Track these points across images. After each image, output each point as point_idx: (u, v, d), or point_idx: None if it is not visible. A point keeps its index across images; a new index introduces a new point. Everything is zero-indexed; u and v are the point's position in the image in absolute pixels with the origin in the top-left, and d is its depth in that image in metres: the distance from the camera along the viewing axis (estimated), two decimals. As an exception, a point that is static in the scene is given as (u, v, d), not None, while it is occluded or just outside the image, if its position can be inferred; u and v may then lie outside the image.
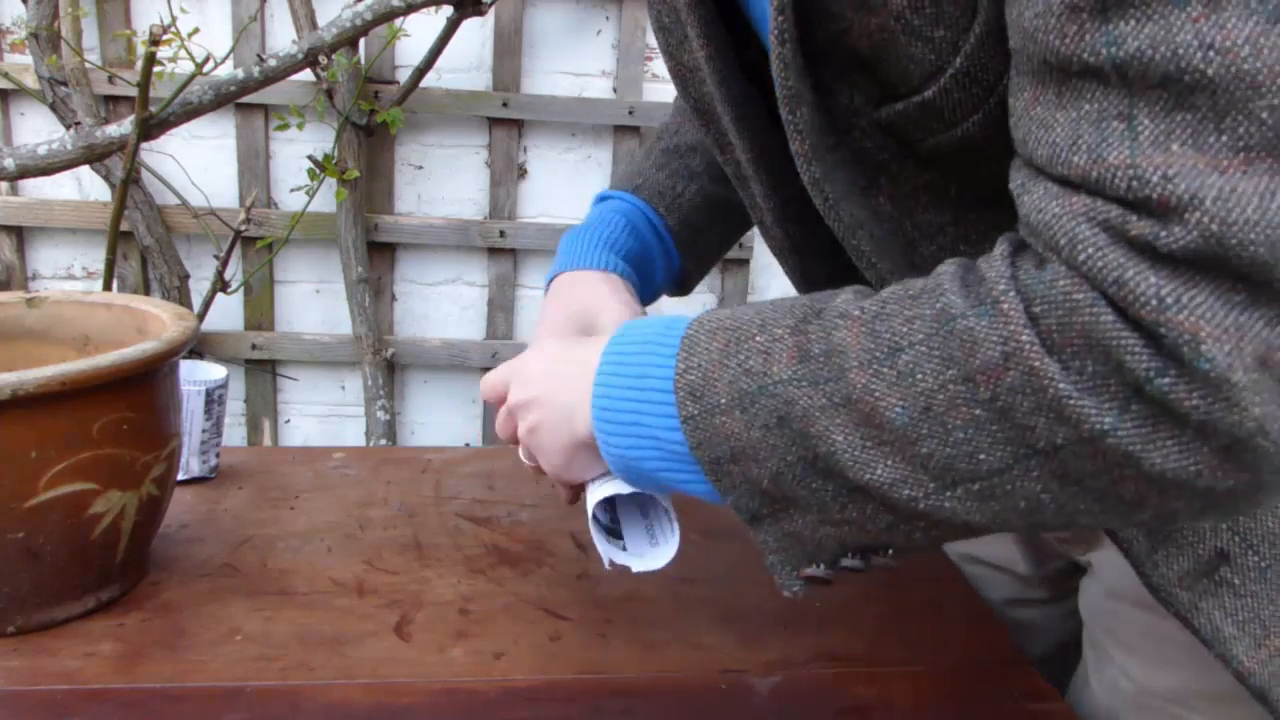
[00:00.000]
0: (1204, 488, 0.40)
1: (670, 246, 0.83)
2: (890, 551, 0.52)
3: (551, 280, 0.78)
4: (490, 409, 0.70)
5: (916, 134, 0.53)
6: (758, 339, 0.51)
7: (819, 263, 0.72)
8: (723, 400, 0.50)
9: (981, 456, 0.44)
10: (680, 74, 0.66)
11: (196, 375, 0.89)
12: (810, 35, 0.51)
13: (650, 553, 0.65)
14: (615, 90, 2.15)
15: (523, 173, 2.19)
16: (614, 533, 0.67)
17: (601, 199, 0.84)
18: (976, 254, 0.57)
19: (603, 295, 0.74)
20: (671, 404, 0.52)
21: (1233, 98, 0.36)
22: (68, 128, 1.81)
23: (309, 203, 2.03)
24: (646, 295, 0.83)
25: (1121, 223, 0.39)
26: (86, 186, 2.11)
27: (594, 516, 0.65)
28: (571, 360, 0.61)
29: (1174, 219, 0.37)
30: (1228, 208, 0.36)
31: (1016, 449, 0.43)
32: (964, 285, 0.45)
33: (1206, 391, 0.38)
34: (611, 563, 0.64)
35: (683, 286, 0.87)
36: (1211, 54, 0.36)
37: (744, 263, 2.23)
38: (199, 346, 2.14)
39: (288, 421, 2.30)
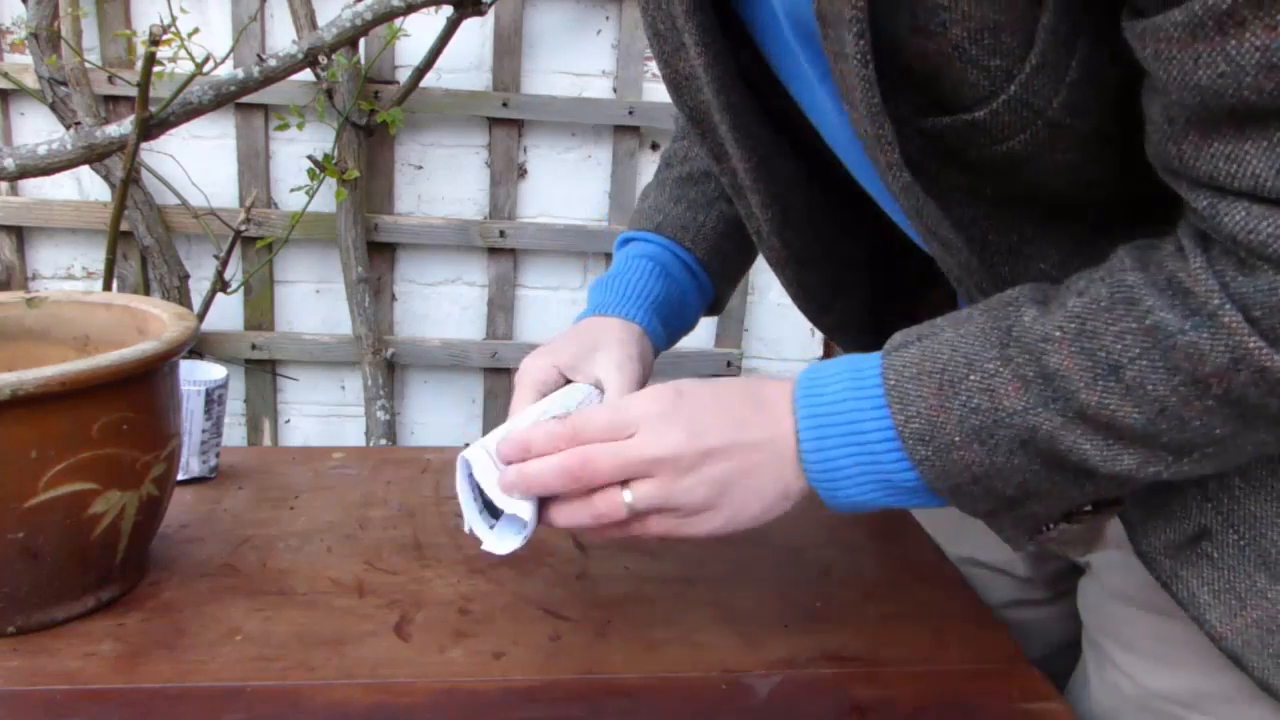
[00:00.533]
0: None
1: (703, 279, 0.84)
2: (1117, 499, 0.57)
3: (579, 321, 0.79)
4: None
5: (960, 144, 0.54)
6: (972, 378, 0.53)
7: (817, 272, 0.72)
8: (956, 439, 0.53)
9: (1217, 431, 0.49)
10: (675, 81, 0.65)
11: (196, 375, 0.89)
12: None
13: (503, 538, 0.62)
14: (615, 90, 2.15)
15: (523, 173, 2.19)
16: (488, 506, 0.64)
17: (625, 242, 0.84)
18: (1003, 243, 0.58)
19: (608, 339, 0.74)
20: (899, 450, 0.55)
21: None
22: (68, 128, 1.81)
23: (309, 203, 2.03)
24: (682, 329, 0.84)
25: None
26: (86, 186, 2.11)
27: (469, 480, 0.63)
28: (761, 412, 0.58)
29: None
30: None
31: (1249, 419, 0.48)
32: (1165, 296, 0.48)
33: None
34: (471, 531, 0.63)
35: (714, 308, 0.89)
36: None
37: (744, 263, 2.23)
38: (199, 346, 2.14)
39: (288, 421, 2.30)
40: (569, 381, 0.74)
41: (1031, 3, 0.47)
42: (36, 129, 2.05)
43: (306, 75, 1.93)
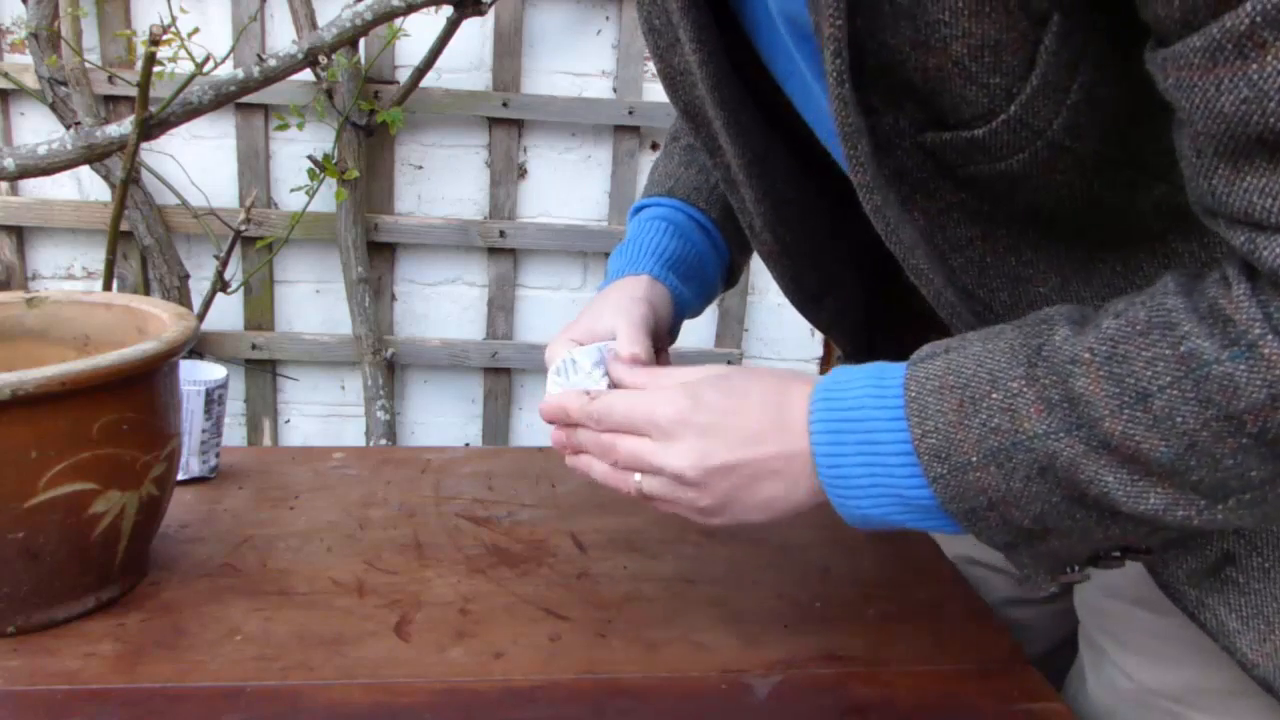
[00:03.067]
0: None
1: (718, 239, 0.82)
2: (1146, 546, 0.54)
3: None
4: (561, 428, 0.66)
5: (958, 161, 0.53)
6: (994, 396, 0.51)
7: (809, 267, 0.72)
8: (973, 459, 0.51)
9: (1253, 474, 0.46)
10: (670, 77, 0.65)
11: (196, 375, 0.89)
12: (861, 61, 0.51)
13: None
14: (615, 90, 2.15)
15: (523, 173, 2.19)
16: None
17: (637, 210, 0.83)
18: (1002, 265, 0.57)
19: (614, 296, 0.73)
20: (913, 465, 0.53)
21: None
22: (68, 128, 1.81)
23: (309, 203, 2.03)
24: (704, 292, 0.81)
25: None
26: (86, 186, 2.11)
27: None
28: (776, 414, 0.58)
29: None
30: None
31: None
32: (1204, 323, 0.45)
33: None
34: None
35: (730, 278, 0.86)
36: None
37: (744, 263, 2.23)
38: (199, 346, 2.14)
39: (288, 421, 2.30)
40: None
41: (1034, 23, 0.46)
42: (36, 129, 2.05)
43: (306, 75, 1.93)
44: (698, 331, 2.28)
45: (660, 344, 0.73)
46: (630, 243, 0.79)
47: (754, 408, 0.58)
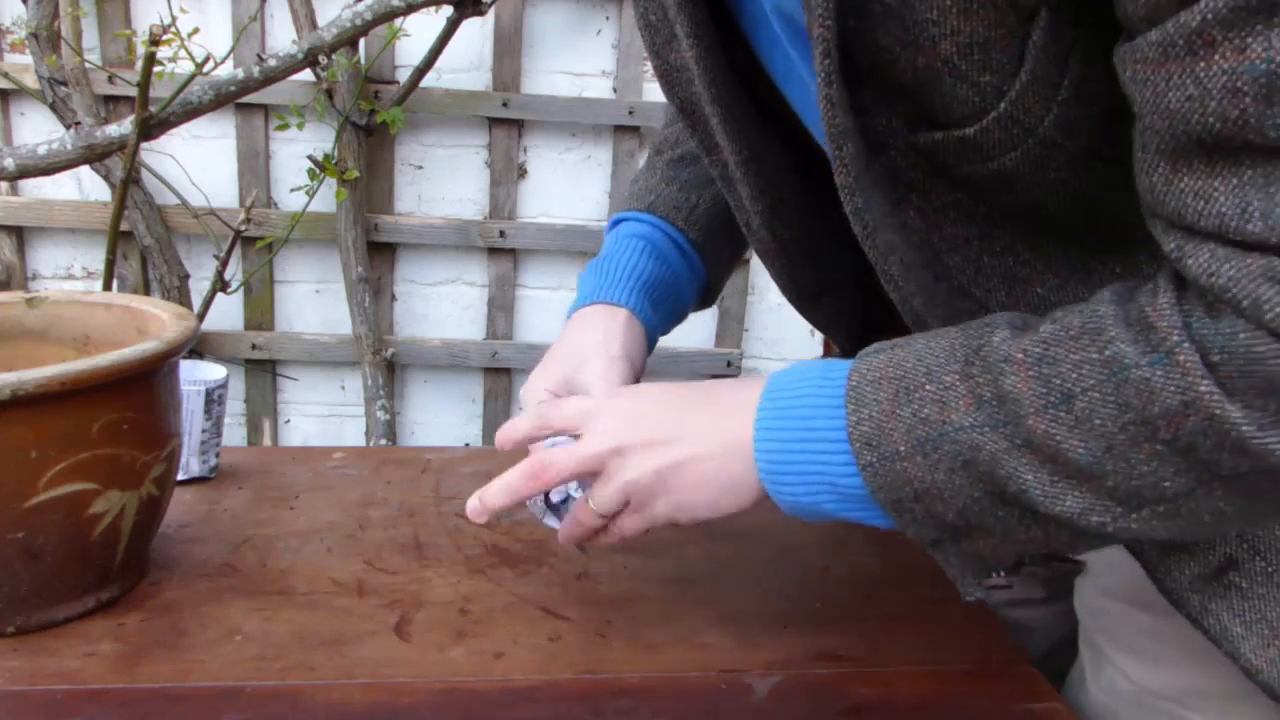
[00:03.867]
0: None
1: (695, 261, 0.82)
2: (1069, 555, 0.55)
3: (571, 314, 0.78)
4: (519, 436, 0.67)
5: (951, 160, 0.54)
6: (928, 388, 0.52)
7: (805, 265, 0.71)
8: (901, 448, 0.52)
9: (1167, 484, 0.47)
10: (666, 73, 0.65)
11: (196, 375, 0.89)
12: (853, 61, 0.51)
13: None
14: (615, 90, 2.15)
15: (523, 173, 2.19)
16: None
17: (615, 223, 0.83)
18: (999, 266, 0.58)
19: (593, 346, 0.73)
20: (846, 452, 0.54)
21: None
22: (68, 128, 1.81)
23: (309, 203, 2.03)
24: (674, 316, 0.82)
25: None
26: (86, 186, 2.11)
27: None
28: (715, 406, 0.60)
29: None
30: None
31: (1200, 475, 0.46)
32: (1131, 329, 0.47)
33: None
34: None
35: (706, 299, 0.86)
36: None
37: (744, 263, 2.23)
38: (199, 346, 2.14)
39: (288, 421, 2.30)
40: None
41: (1022, 20, 0.46)
42: (36, 129, 2.05)
43: (306, 75, 1.93)
44: (698, 331, 2.28)
45: None
46: (606, 260, 0.79)
47: (691, 393, 0.61)
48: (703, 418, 0.59)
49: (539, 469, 0.62)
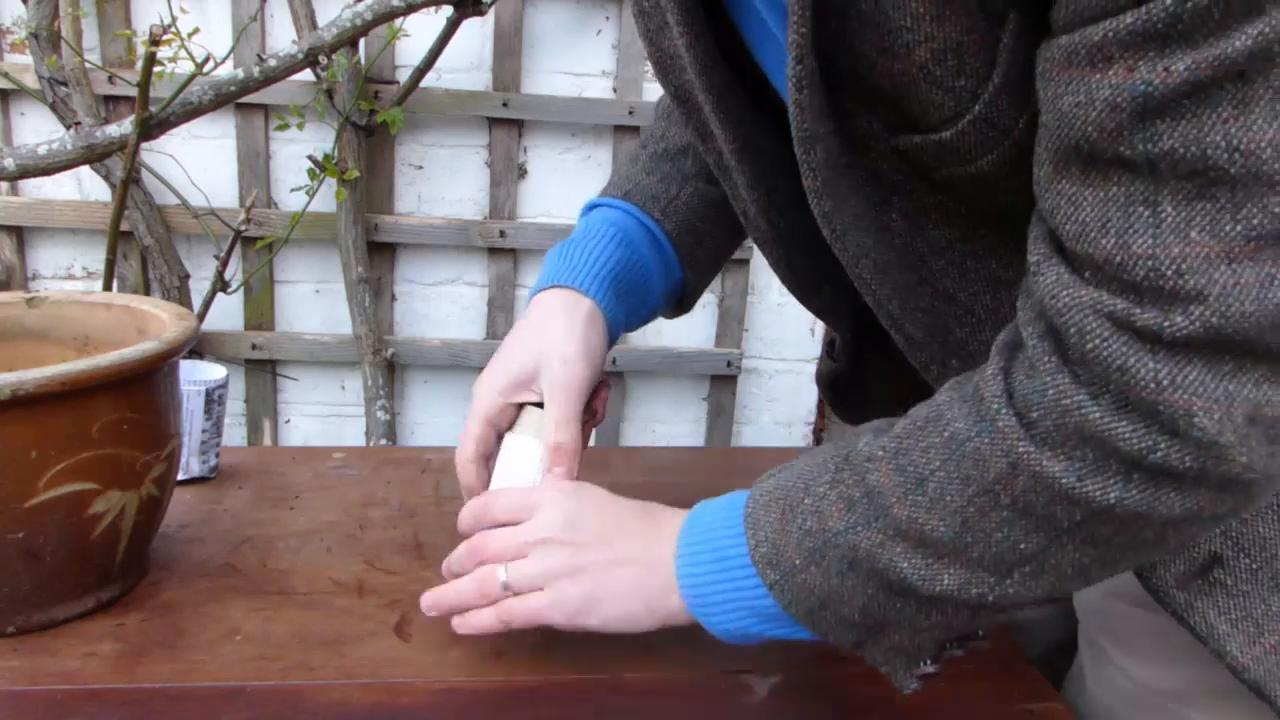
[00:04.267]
0: (1209, 516, 0.47)
1: (670, 256, 0.79)
2: (981, 633, 0.57)
3: (533, 296, 0.76)
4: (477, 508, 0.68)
5: (932, 163, 0.54)
6: (806, 501, 0.55)
7: (803, 253, 0.71)
8: (797, 561, 0.55)
9: (1023, 546, 0.49)
10: (660, 61, 0.65)
11: (196, 375, 0.89)
12: (834, 64, 0.52)
13: None
14: (615, 90, 2.15)
15: (523, 173, 2.19)
16: None
17: (590, 208, 0.81)
18: (983, 269, 0.59)
19: (552, 344, 0.71)
20: (755, 575, 0.57)
21: (1250, 193, 0.39)
22: (68, 128, 1.81)
23: (309, 203, 2.03)
24: (641, 311, 0.78)
25: (1127, 315, 0.43)
26: (86, 186, 2.11)
27: None
28: (648, 530, 0.62)
29: (1178, 310, 0.42)
30: (1228, 302, 0.41)
31: (1048, 532, 0.49)
32: (965, 405, 0.51)
33: (1199, 454, 0.44)
34: None
35: (683, 303, 0.83)
36: (1236, 155, 0.39)
37: (744, 262, 2.23)
38: (199, 346, 2.14)
39: (288, 421, 2.30)
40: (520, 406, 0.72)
41: (993, 24, 0.47)
42: (36, 129, 2.05)
43: (306, 75, 1.93)
44: (698, 331, 2.28)
45: (595, 394, 0.73)
46: (574, 244, 0.77)
47: (630, 508, 0.64)
48: (631, 536, 0.62)
49: (480, 547, 0.64)
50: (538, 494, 0.65)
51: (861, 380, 0.82)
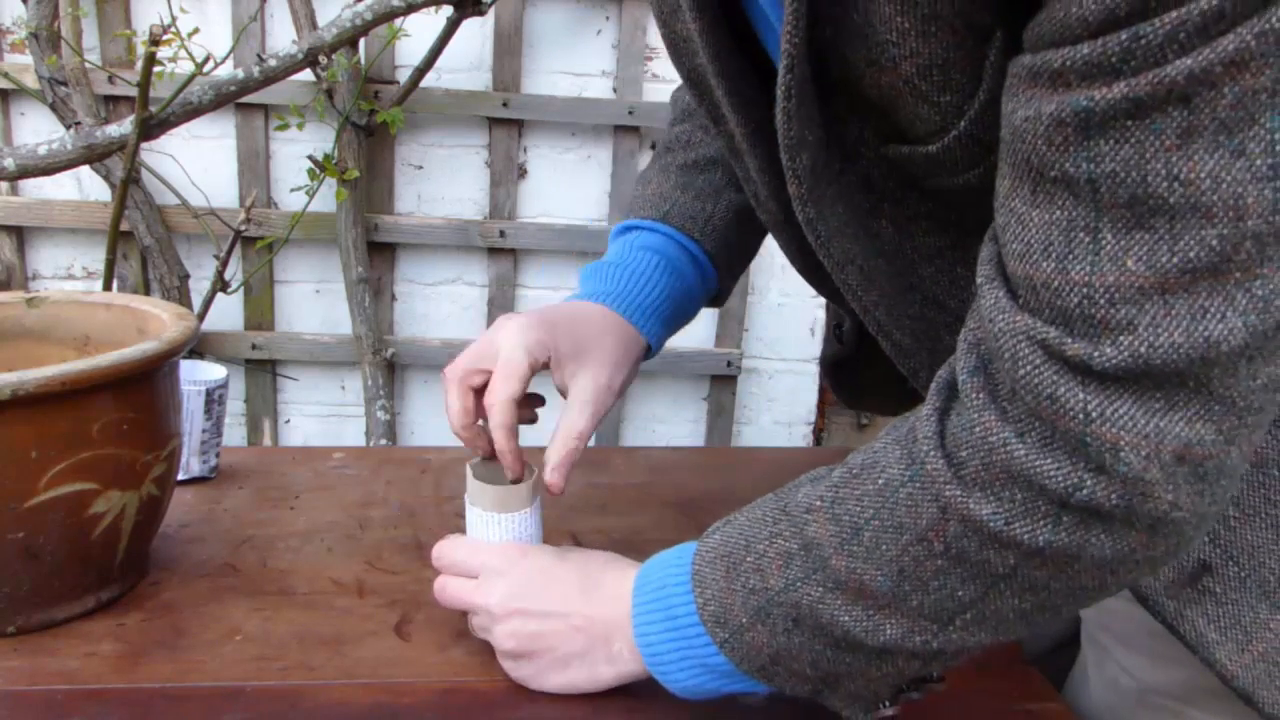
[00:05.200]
0: (1143, 558, 0.46)
1: (709, 272, 0.81)
2: (936, 675, 0.57)
3: (577, 297, 0.77)
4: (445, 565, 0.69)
5: (920, 173, 0.54)
6: (748, 559, 0.55)
7: None
8: (744, 620, 0.55)
9: (960, 594, 0.49)
10: (674, 43, 0.65)
11: (196, 375, 0.89)
12: (827, 71, 0.52)
13: None
14: (615, 90, 2.15)
15: (523, 173, 2.19)
16: None
17: (627, 229, 0.81)
18: (973, 276, 0.59)
19: (602, 350, 0.72)
20: (705, 634, 0.57)
21: (1188, 224, 0.39)
22: (68, 128, 1.81)
23: (309, 203, 2.03)
24: (681, 324, 0.81)
25: (1059, 344, 0.43)
26: (86, 186, 2.11)
27: None
28: (597, 592, 0.63)
29: (1107, 340, 0.42)
30: (1157, 332, 0.41)
31: (984, 579, 0.48)
32: (899, 447, 0.50)
33: (1125, 490, 0.43)
34: None
35: (716, 300, 0.86)
36: (1176, 185, 0.39)
37: (744, 263, 2.23)
38: (199, 346, 2.14)
39: (288, 421, 2.30)
40: (544, 366, 0.70)
41: (979, 40, 0.47)
42: (36, 129, 2.05)
43: (306, 75, 1.93)
44: (698, 331, 2.28)
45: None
46: (621, 269, 0.77)
47: (574, 573, 0.64)
48: (571, 605, 0.62)
49: (438, 590, 0.67)
50: (485, 556, 0.66)
51: (863, 364, 0.81)
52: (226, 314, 2.16)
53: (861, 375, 0.83)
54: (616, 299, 0.76)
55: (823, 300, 0.95)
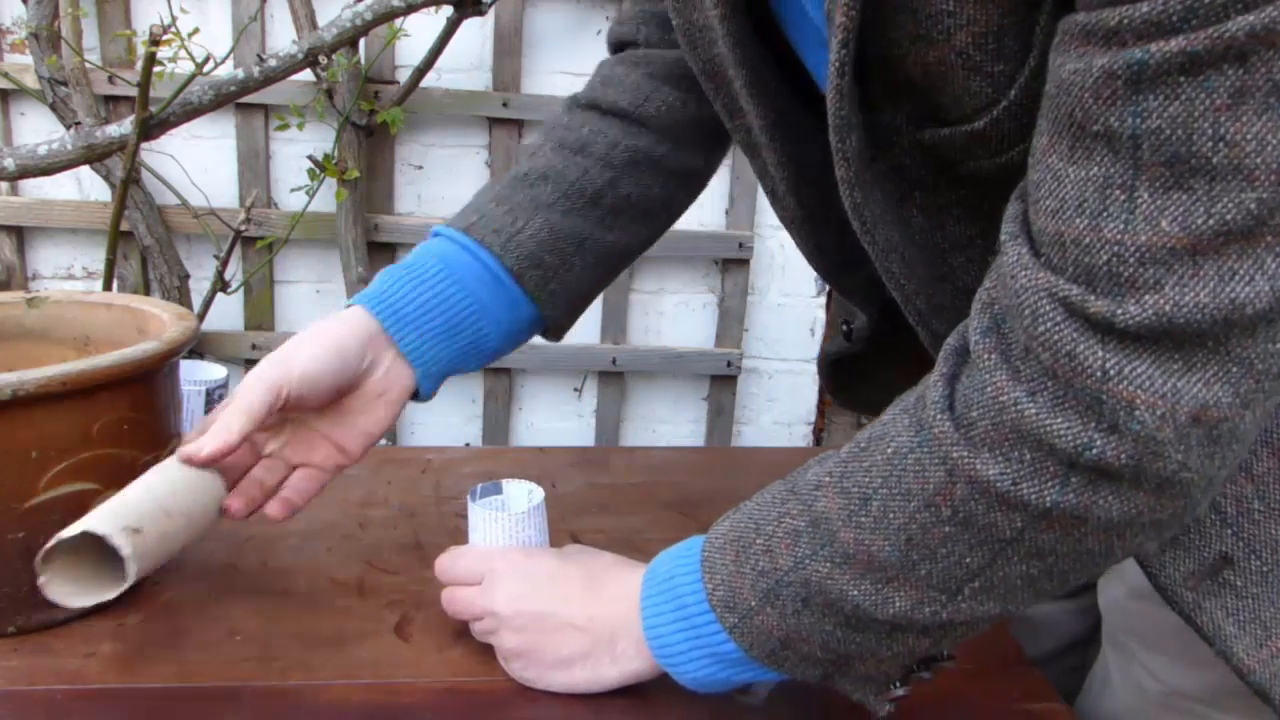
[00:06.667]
0: (1150, 520, 0.46)
1: (515, 293, 0.73)
2: (946, 654, 0.57)
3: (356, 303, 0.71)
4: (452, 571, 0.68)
5: (957, 156, 0.54)
6: (758, 542, 0.55)
7: (832, 234, 0.70)
8: (753, 603, 0.55)
9: (968, 560, 0.49)
10: (690, 33, 0.64)
11: (196, 375, 0.89)
12: (863, 54, 0.51)
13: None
14: (615, 90, 2.15)
15: (523, 173, 2.19)
16: None
17: (435, 234, 0.76)
18: None
19: (297, 355, 0.66)
20: (714, 620, 0.56)
21: (1227, 186, 0.39)
22: (68, 128, 1.81)
23: (309, 203, 2.03)
24: (475, 348, 0.73)
25: (1081, 301, 0.43)
26: (86, 186, 2.11)
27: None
28: (601, 593, 0.63)
29: (1131, 299, 0.42)
30: (1183, 293, 0.41)
31: (991, 545, 0.48)
32: (908, 415, 0.51)
33: (1135, 449, 0.43)
34: None
35: (548, 333, 0.78)
36: (1221, 145, 0.39)
37: (744, 263, 2.23)
38: (199, 346, 2.14)
39: (288, 421, 2.29)
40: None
41: (1030, 6, 0.47)
42: (36, 129, 2.05)
43: (306, 75, 1.93)
44: (698, 332, 2.28)
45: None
46: (400, 273, 0.72)
47: (576, 573, 0.64)
48: (573, 606, 0.62)
49: (447, 600, 0.67)
50: (490, 560, 0.66)
51: (871, 362, 0.81)
52: (226, 314, 2.16)
53: (869, 375, 0.82)
54: (373, 299, 0.70)
55: (823, 300, 0.94)
